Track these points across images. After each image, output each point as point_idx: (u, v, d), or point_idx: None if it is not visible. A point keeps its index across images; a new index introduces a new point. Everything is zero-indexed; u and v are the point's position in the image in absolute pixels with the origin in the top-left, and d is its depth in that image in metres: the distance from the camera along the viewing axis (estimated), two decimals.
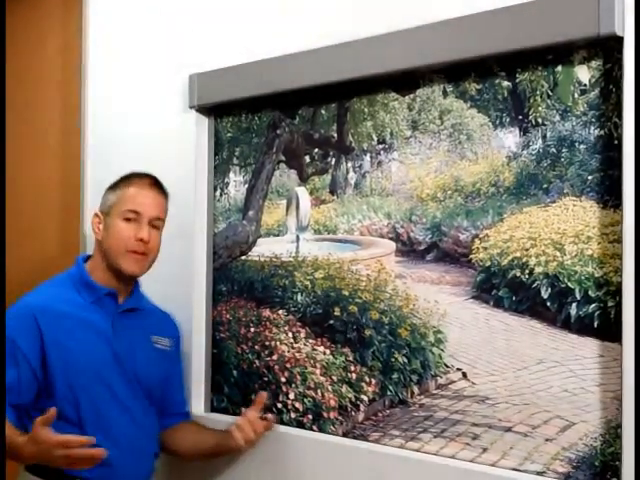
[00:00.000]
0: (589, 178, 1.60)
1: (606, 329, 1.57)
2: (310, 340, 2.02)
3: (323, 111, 2.03)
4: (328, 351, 1.99)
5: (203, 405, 2.21)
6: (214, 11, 2.20)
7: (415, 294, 1.85)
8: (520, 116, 1.70)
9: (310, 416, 2.00)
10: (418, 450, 1.82)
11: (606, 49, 1.56)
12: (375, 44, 1.82)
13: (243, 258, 2.19)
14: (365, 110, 1.94)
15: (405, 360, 1.85)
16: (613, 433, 1.55)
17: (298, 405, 2.03)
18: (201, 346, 2.22)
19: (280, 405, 2.06)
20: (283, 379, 2.06)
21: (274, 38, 2.05)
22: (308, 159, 2.08)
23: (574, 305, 1.62)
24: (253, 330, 2.14)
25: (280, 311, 2.09)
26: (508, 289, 1.71)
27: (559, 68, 1.64)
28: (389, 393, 1.88)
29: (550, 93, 1.66)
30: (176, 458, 2.10)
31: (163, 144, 2.28)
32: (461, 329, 1.78)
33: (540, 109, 1.67)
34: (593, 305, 1.59)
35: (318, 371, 2.00)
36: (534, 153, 1.69)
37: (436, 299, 1.81)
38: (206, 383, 2.22)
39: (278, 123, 2.11)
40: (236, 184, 2.21)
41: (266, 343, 2.11)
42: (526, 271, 1.68)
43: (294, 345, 2.05)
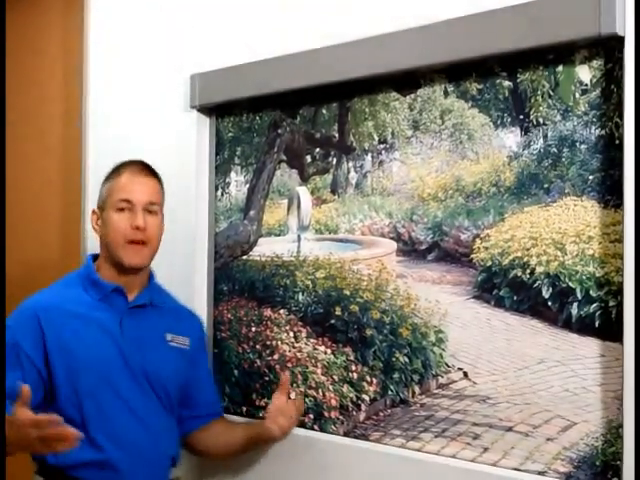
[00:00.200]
0: (590, 178, 1.60)
1: (607, 329, 1.57)
2: (311, 340, 2.03)
3: (324, 111, 2.03)
4: (329, 351, 1.99)
5: None
6: (215, 11, 2.20)
7: (416, 294, 1.85)
8: (521, 116, 1.70)
9: (311, 415, 2.00)
10: (419, 450, 1.82)
11: (607, 49, 1.56)
12: (376, 44, 1.82)
13: (244, 258, 2.19)
14: (366, 110, 1.94)
15: (406, 360, 1.85)
16: (614, 433, 1.55)
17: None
18: None
19: None
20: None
21: (275, 38, 2.05)
22: (309, 159, 2.08)
23: (575, 305, 1.62)
24: (254, 330, 2.14)
25: (281, 310, 2.09)
26: (509, 289, 1.71)
27: (560, 68, 1.64)
28: (390, 393, 1.88)
29: (551, 93, 1.66)
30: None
31: (164, 144, 2.28)
32: (462, 329, 1.78)
33: (541, 109, 1.67)
34: (594, 305, 1.59)
35: (319, 371, 2.00)
36: (535, 153, 1.69)
37: (437, 299, 1.82)
38: None
39: (279, 123, 2.11)
40: (237, 184, 2.22)
41: (267, 343, 2.11)
42: (527, 271, 1.68)
43: (295, 345, 2.05)
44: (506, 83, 1.72)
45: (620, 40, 1.51)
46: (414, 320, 1.85)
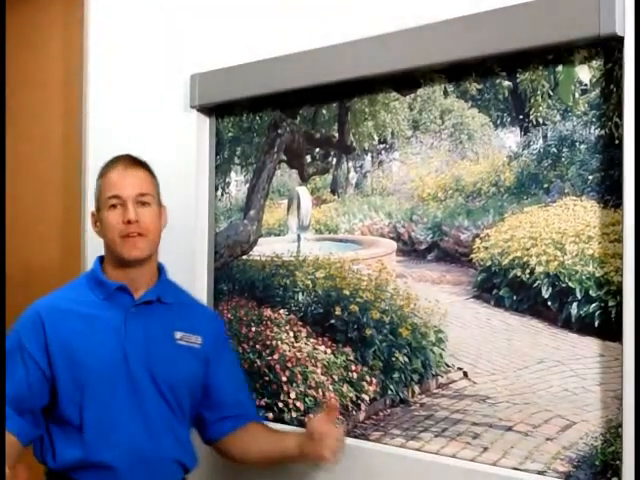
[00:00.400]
0: (590, 178, 1.61)
1: (607, 329, 1.57)
2: (311, 339, 2.03)
3: (324, 111, 2.03)
4: (329, 350, 1.99)
5: None
6: (215, 11, 2.21)
7: (416, 293, 1.85)
8: (521, 116, 1.71)
9: (311, 415, 2.00)
10: (419, 449, 1.82)
11: (607, 49, 1.56)
12: (376, 44, 1.83)
13: (244, 257, 2.19)
14: (366, 110, 1.95)
15: (406, 359, 1.86)
16: (614, 432, 1.55)
17: (299, 404, 2.04)
18: None
19: (281, 404, 2.07)
20: (284, 378, 2.07)
21: (275, 38, 2.05)
22: (309, 159, 2.08)
23: (575, 305, 1.62)
24: (254, 329, 2.14)
25: (281, 310, 2.09)
26: (509, 289, 1.71)
27: (560, 68, 1.64)
28: (390, 392, 1.88)
29: (551, 93, 1.66)
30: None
31: (164, 144, 2.28)
32: (462, 328, 1.78)
33: (541, 109, 1.67)
34: (594, 305, 1.59)
35: (319, 370, 2.00)
36: (535, 153, 1.69)
37: (437, 298, 1.82)
38: None
39: (279, 123, 2.11)
40: (237, 184, 2.22)
41: (267, 342, 2.11)
42: (527, 271, 1.69)
43: (295, 344, 2.06)
44: (506, 83, 1.72)
45: (620, 40, 1.52)
46: (414, 320, 1.85)
